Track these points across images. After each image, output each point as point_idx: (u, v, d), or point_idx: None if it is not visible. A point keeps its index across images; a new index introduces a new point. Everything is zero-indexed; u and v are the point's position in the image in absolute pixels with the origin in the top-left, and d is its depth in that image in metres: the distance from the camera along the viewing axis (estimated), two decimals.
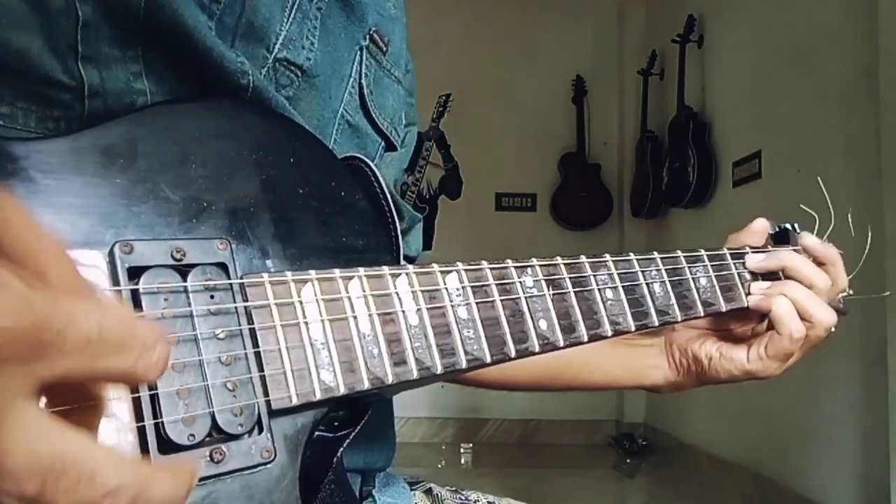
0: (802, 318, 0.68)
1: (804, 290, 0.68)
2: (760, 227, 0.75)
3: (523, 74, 4.48)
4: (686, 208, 3.68)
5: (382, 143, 0.65)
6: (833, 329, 0.69)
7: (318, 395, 0.42)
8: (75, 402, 0.29)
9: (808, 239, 0.73)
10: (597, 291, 0.57)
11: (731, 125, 3.40)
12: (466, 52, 4.41)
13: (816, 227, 0.76)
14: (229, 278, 0.42)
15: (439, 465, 3.84)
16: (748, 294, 0.69)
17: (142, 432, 0.37)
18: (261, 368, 0.41)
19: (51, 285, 0.27)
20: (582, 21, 4.54)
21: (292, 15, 0.54)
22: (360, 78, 0.62)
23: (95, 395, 0.30)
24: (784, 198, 2.74)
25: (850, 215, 0.73)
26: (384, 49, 0.65)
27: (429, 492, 0.73)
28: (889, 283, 1.97)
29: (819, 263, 0.72)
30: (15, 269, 0.25)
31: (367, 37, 0.63)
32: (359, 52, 0.62)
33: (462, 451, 4.09)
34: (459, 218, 4.25)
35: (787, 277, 0.70)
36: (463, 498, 0.73)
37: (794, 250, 0.72)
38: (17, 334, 0.24)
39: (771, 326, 0.69)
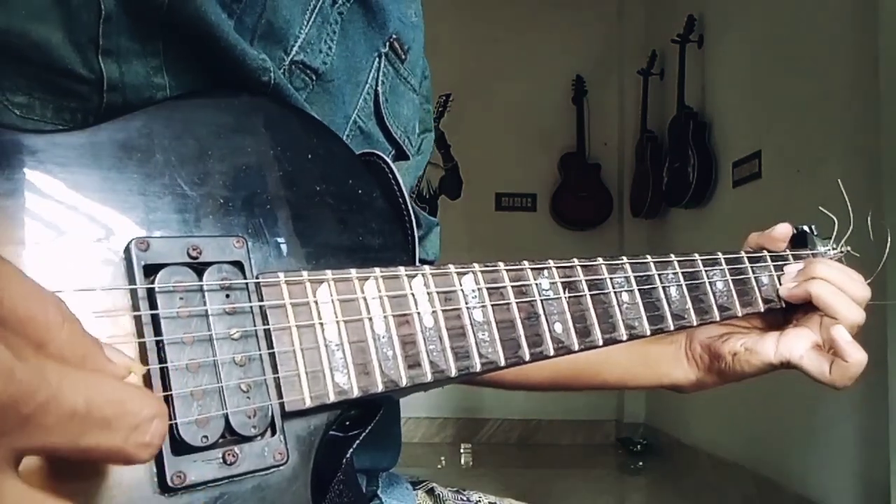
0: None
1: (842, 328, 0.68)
2: (782, 233, 0.73)
3: (523, 74, 4.48)
4: (686, 208, 3.68)
5: (393, 152, 0.65)
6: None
7: (332, 398, 0.42)
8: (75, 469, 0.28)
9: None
10: (613, 295, 0.56)
11: (731, 125, 3.40)
12: (466, 52, 4.40)
13: (835, 229, 0.74)
14: (245, 277, 0.41)
15: (439, 465, 3.83)
16: (763, 298, 0.69)
17: None
18: (275, 370, 0.41)
19: (49, 353, 0.26)
20: (582, 21, 4.54)
21: (312, 18, 0.54)
22: (377, 85, 0.62)
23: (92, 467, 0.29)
24: (784, 198, 2.75)
25: (869, 218, 0.72)
26: (403, 57, 0.64)
27: (431, 492, 0.73)
28: (889, 284, 1.96)
29: None
30: (6, 338, 0.24)
31: (387, 43, 0.62)
32: (377, 59, 0.62)
33: (462, 451, 4.08)
34: (459, 218, 4.25)
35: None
36: (465, 498, 0.73)
37: (813, 253, 0.73)
38: None
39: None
